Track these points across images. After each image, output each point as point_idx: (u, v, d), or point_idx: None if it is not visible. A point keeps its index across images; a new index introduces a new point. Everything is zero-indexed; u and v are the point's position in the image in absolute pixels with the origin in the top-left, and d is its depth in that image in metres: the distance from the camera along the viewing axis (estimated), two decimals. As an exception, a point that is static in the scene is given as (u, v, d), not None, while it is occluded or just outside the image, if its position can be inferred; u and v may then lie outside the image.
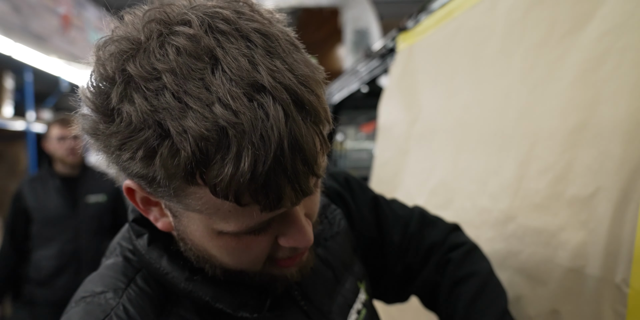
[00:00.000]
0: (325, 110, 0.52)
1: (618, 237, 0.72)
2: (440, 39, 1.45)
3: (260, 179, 0.46)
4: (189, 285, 0.60)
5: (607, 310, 0.73)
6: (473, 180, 1.14)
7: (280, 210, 0.52)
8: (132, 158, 0.48)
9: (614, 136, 0.75)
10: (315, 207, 0.62)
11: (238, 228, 0.53)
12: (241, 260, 0.59)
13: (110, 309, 0.57)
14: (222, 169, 0.45)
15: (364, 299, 0.81)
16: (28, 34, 5.87)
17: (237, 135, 0.45)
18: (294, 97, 0.47)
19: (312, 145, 0.48)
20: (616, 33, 0.79)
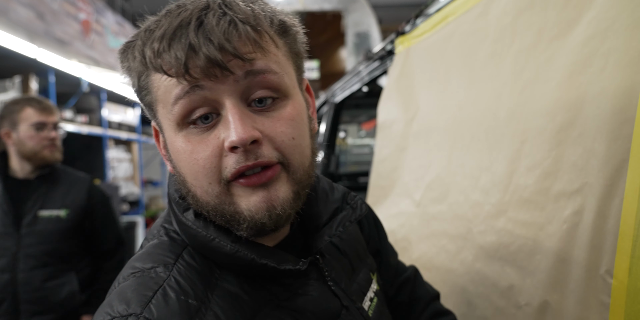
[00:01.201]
0: (269, 17, 0.60)
1: (602, 230, 0.71)
2: (435, 42, 1.44)
3: (165, 40, 0.55)
4: (235, 246, 0.61)
5: (593, 300, 0.72)
6: (466, 176, 1.14)
7: (203, 80, 0.56)
8: (128, 78, 0.64)
9: (598, 135, 0.74)
10: (273, 86, 0.59)
11: (177, 110, 0.57)
12: (195, 167, 0.59)
13: (162, 281, 0.58)
14: (147, 42, 0.57)
15: (375, 289, 0.81)
16: (51, 38, 5.89)
17: (165, 19, 0.57)
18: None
19: (223, 16, 0.55)
20: (601, 37, 0.78)
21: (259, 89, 0.58)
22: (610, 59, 0.75)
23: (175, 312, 0.55)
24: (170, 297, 0.56)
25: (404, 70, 1.66)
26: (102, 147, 7.50)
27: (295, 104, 0.62)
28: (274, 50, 0.60)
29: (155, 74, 0.58)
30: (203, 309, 0.57)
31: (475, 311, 1.03)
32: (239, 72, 0.56)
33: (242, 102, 0.58)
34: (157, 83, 0.59)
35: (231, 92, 0.57)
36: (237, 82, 0.57)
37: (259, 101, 0.59)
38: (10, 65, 5.42)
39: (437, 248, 1.23)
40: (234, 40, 0.54)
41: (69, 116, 6.39)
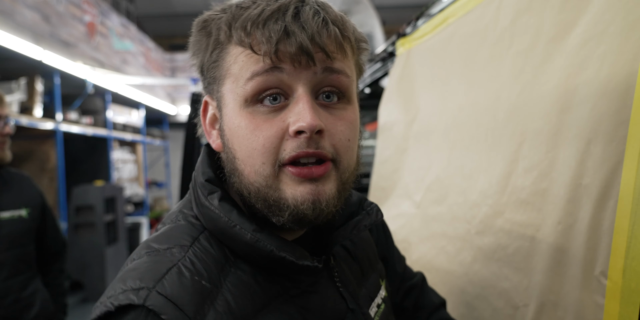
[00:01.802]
0: (352, 31, 0.64)
1: (597, 231, 0.72)
2: (436, 44, 1.45)
3: (262, 19, 0.57)
4: (256, 235, 0.60)
5: (588, 300, 0.73)
6: (465, 177, 1.14)
7: (285, 63, 0.58)
8: (199, 48, 0.65)
9: (594, 137, 0.75)
10: (342, 88, 0.62)
11: (251, 86, 0.59)
12: (252, 147, 0.59)
13: (177, 260, 0.59)
14: (240, 17, 0.59)
15: (383, 295, 0.81)
16: (56, 40, 5.92)
17: (260, 2, 0.59)
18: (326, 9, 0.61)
19: (318, 13, 0.59)
20: (597, 40, 0.78)
21: (330, 85, 0.61)
22: (606, 62, 0.75)
23: (188, 291, 0.55)
24: (184, 275, 0.57)
25: (405, 72, 1.66)
26: (106, 149, 7.53)
27: (355, 110, 0.65)
28: (350, 56, 0.64)
29: (235, 49, 0.60)
30: (215, 292, 0.57)
31: (474, 312, 1.03)
32: (319, 66, 0.59)
33: (312, 93, 0.60)
34: (233, 58, 0.61)
35: (307, 81, 0.59)
36: (315, 74, 0.59)
37: (327, 96, 0.62)
38: (16, 67, 5.45)
39: (436, 249, 1.23)
40: (324, 37, 0.58)
41: (74, 118, 6.42)
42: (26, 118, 5.21)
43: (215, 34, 0.62)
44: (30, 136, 6.10)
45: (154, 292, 0.54)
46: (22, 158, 6.18)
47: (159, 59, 10.86)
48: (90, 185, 5.61)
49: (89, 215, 5.53)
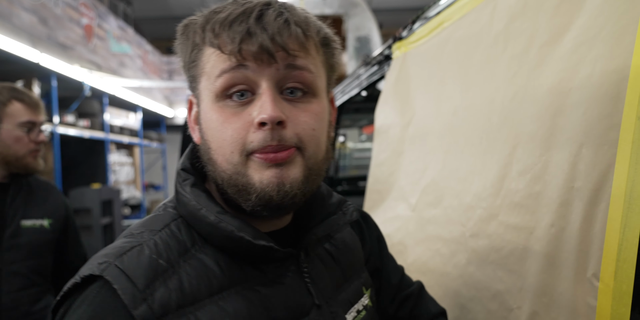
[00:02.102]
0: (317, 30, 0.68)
1: (589, 234, 0.72)
2: (431, 47, 1.46)
3: (228, 21, 0.62)
4: (219, 216, 0.66)
5: (580, 302, 0.73)
6: (460, 180, 1.15)
7: (248, 61, 0.63)
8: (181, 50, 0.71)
9: (585, 140, 0.75)
10: (306, 82, 0.67)
11: (219, 82, 0.64)
12: (222, 138, 0.65)
13: (143, 242, 0.65)
14: (211, 21, 0.64)
15: (365, 303, 0.83)
16: (54, 43, 5.92)
17: (231, 6, 0.65)
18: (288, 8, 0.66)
19: (281, 15, 0.63)
20: (589, 44, 0.79)
21: (294, 81, 0.66)
22: (598, 66, 0.76)
23: (142, 266, 0.61)
24: (144, 253, 0.63)
25: (401, 75, 1.67)
26: (103, 151, 7.53)
27: (321, 104, 0.70)
28: (314, 54, 0.68)
29: (209, 49, 0.66)
30: (170, 271, 0.62)
31: (468, 314, 1.04)
32: (282, 63, 0.64)
33: (276, 88, 0.65)
34: (207, 57, 0.66)
35: (270, 77, 0.64)
36: (278, 70, 0.64)
37: (291, 92, 0.66)
38: (13, 70, 5.45)
39: (431, 252, 1.24)
40: (285, 36, 0.63)
41: (71, 120, 6.42)
42: (23, 121, 5.19)
43: (192, 37, 0.68)
44: (27, 139, 6.08)
45: (112, 265, 0.60)
46: (19, 161, 6.15)
47: (156, 61, 10.86)
48: (87, 188, 5.60)
49: (86, 218, 5.52)
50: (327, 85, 0.74)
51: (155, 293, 0.59)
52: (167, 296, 0.60)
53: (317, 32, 0.69)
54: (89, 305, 0.59)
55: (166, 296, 0.59)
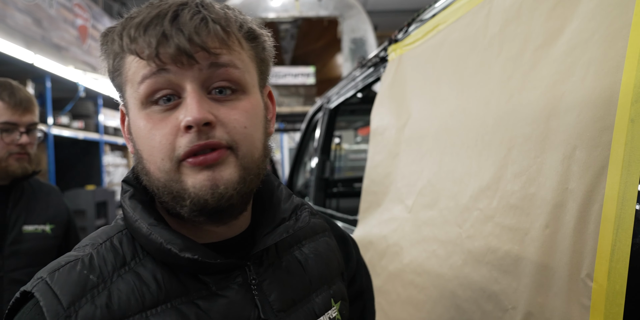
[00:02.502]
0: (238, 23, 0.66)
1: (583, 235, 0.74)
2: (426, 49, 1.47)
3: (142, 27, 0.60)
4: (150, 228, 0.64)
5: (574, 303, 0.74)
6: (456, 182, 1.16)
7: (169, 64, 0.61)
8: (105, 60, 0.69)
9: (579, 142, 0.77)
10: (233, 79, 0.65)
11: (143, 89, 0.63)
12: (152, 143, 0.63)
13: (81, 256, 0.65)
14: (126, 28, 0.62)
15: (334, 316, 0.79)
16: (48, 44, 5.90)
17: (145, 10, 0.63)
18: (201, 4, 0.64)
19: (197, 14, 0.61)
20: (582, 48, 0.80)
21: (220, 80, 0.64)
22: (591, 69, 0.77)
23: (72, 282, 0.61)
24: (75, 269, 0.62)
25: (396, 77, 1.68)
26: (98, 153, 7.51)
27: (252, 100, 0.68)
28: (238, 49, 0.66)
29: (129, 57, 0.64)
30: (101, 286, 0.62)
31: (464, 315, 1.05)
32: (204, 63, 0.62)
33: (202, 89, 0.63)
34: (128, 65, 0.64)
35: (193, 79, 0.62)
36: (201, 70, 0.62)
37: (219, 91, 0.64)
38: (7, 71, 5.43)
39: (427, 253, 1.25)
40: (203, 35, 0.61)
41: (65, 121, 6.40)
42: (17, 122, 5.18)
43: (111, 45, 0.66)
44: (21, 140, 6.06)
45: (42, 282, 0.61)
46: (13, 162, 6.13)
47: (151, 62, 10.82)
48: (82, 190, 5.59)
49: (80, 219, 5.50)
50: (259, 80, 0.72)
51: (80, 310, 0.59)
52: (92, 313, 0.59)
53: (239, 27, 0.66)
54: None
55: (90, 313, 0.59)
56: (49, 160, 5.89)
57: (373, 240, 1.65)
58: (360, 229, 1.84)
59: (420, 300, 1.26)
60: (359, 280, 0.92)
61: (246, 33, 0.68)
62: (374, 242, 1.63)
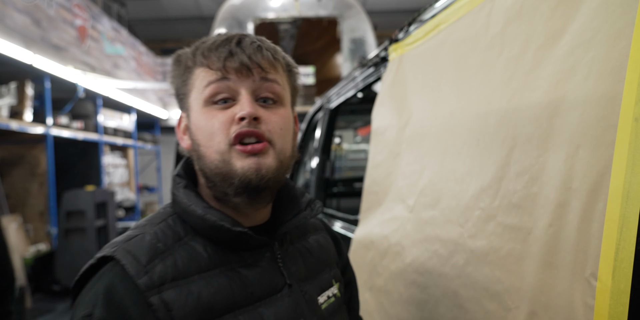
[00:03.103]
0: (283, 57, 0.88)
1: (587, 234, 0.74)
2: (428, 49, 1.47)
3: (214, 46, 0.81)
4: (205, 210, 0.80)
5: (578, 302, 0.74)
6: (458, 181, 1.16)
7: (230, 74, 0.79)
8: (174, 77, 0.87)
9: (582, 141, 0.77)
10: (276, 93, 0.83)
11: (208, 91, 0.80)
12: (211, 132, 0.80)
13: (145, 231, 0.80)
14: (200, 47, 0.83)
15: (335, 292, 0.96)
16: (47, 44, 5.90)
17: (215, 37, 0.83)
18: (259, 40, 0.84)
19: (254, 42, 0.81)
20: (585, 47, 0.80)
21: (266, 91, 0.82)
22: (594, 68, 0.77)
23: (144, 247, 0.77)
24: (145, 239, 0.78)
25: (397, 77, 1.68)
26: (97, 153, 7.50)
27: (287, 112, 0.87)
28: (281, 73, 0.86)
29: (197, 69, 0.82)
30: (167, 253, 0.77)
31: (466, 315, 1.05)
32: (257, 76, 0.81)
33: (252, 96, 0.81)
34: (196, 75, 0.83)
35: (247, 87, 0.81)
36: (254, 82, 0.81)
37: (264, 100, 0.83)
38: (6, 71, 5.43)
39: (429, 252, 1.25)
40: (259, 57, 0.80)
41: (65, 122, 6.39)
42: (16, 122, 5.18)
43: (184, 62, 0.85)
44: (20, 141, 6.07)
45: (120, 248, 0.76)
46: (12, 163, 6.14)
47: (150, 63, 10.84)
48: (81, 190, 5.58)
49: (80, 220, 5.50)
50: (291, 103, 0.91)
51: (155, 268, 0.74)
52: (164, 270, 0.74)
53: (282, 58, 0.87)
54: (105, 278, 0.73)
55: (164, 270, 0.74)
56: (48, 160, 5.89)
57: (374, 240, 1.65)
58: (361, 229, 1.84)
59: (422, 300, 1.26)
60: (348, 272, 1.11)
61: (286, 63, 0.88)
62: (375, 241, 1.63)
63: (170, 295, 0.73)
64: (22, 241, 5.57)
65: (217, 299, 0.76)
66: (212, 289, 0.76)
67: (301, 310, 0.85)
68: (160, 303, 0.72)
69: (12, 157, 6.14)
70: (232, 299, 0.77)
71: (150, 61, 10.81)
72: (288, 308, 0.83)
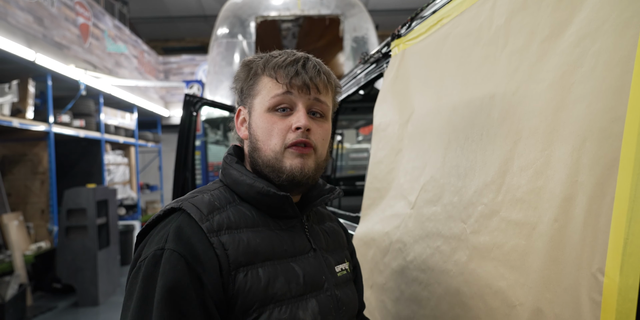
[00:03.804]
0: (334, 80, 1.05)
1: (594, 229, 0.72)
2: (430, 44, 1.45)
3: (284, 64, 0.97)
4: (254, 179, 0.97)
5: (584, 298, 0.72)
6: (460, 177, 1.14)
7: (293, 90, 0.96)
8: (242, 79, 1.04)
9: (589, 133, 0.75)
10: (323, 111, 1.01)
11: (273, 101, 0.97)
12: (270, 134, 0.97)
13: (204, 193, 0.99)
14: (271, 61, 0.99)
15: (347, 267, 1.11)
16: (49, 42, 5.89)
17: (284, 54, 1.01)
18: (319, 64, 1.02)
19: (316, 66, 0.99)
20: (592, 38, 0.78)
21: (317, 108, 1.00)
22: (601, 59, 0.75)
23: (204, 203, 0.94)
24: (205, 198, 0.96)
25: (400, 73, 1.66)
26: (99, 151, 7.49)
27: (329, 125, 1.04)
28: (330, 93, 1.04)
29: (265, 79, 1.00)
30: (221, 209, 0.95)
31: (470, 312, 1.03)
32: (312, 95, 0.98)
33: (307, 109, 0.98)
34: (263, 84, 1.00)
35: (304, 102, 0.98)
36: (309, 99, 0.98)
37: (313, 113, 1.00)
38: (8, 69, 5.42)
39: (431, 249, 1.23)
40: (317, 79, 0.98)
41: (66, 120, 6.38)
42: (18, 120, 5.18)
43: (254, 69, 1.02)
44: (22, 138, 6.06)
45: (186, 202, 0.94)
46: (14, 161, 6.14)
47: (152, 61, 10.83)
48: (82, 188, 5.56)
49: (81, 218, 5.48)
50: (332, 116, 1.07)
51: (214, 218, 0.92)
52: (221, 220, 0.92)
53: (333, 80, 1.04)
54: (174, 222, 0.90)
55: (220, 220, 0.92)
56: (50, 158, 5.88)
57: (376, 237, 1.63)
58: (362, 226, 1.82)
59: (425, 297, 1.24)
60: (354, 259, 1.24)
61: (335, 85, 1.06)
62: (377, 239, 1.61)
63: (226, 239, 0.90)
64: (23, 239, 5.56)
65: (261, 248, 0.93)
66: (258, 239, 0.94)
67: (323, 270, 1.02)
68: (218, 243, 0.89)
69: (13, 155, 6.13)
70: (271, 251, 0.94)
71: (152, 60, 10.80)
72: (313, 266, 1.00)
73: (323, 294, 0.99)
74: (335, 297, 1.01)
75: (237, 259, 0.89)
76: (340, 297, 1.03)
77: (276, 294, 0.91)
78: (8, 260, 5.17)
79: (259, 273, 0.91)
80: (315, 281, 0.98)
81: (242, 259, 0.90)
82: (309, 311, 0.94)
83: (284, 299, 0.92)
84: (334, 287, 1.02)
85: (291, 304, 0.93)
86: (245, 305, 0.88)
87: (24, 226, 5.73)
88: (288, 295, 0.93)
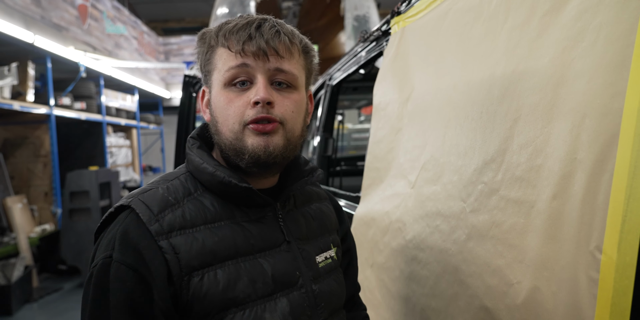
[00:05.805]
0: (299, 41, 0.92)
1: (592, 206, 0.71)
2: (430, 20, 1.42)
3: (235, 29, 0.86)
4: (215, 168, 0.89)
5: (582, 276, 0.72)
6: (460, 156, 1.13)
7: (248, 58, 0.86)
8: (199, 52, 0.94)
9: (589, 110, 0.73)
10: (289, 80, 0.89)
11: (228, 74, 0.87)
12: (227, 113, 0.88)
13: (158, 186, 0.90)
14: (222, 29, 0.89)
15: (332, 255, 1.04)
16: (48, 24, 5.84)
17: (238, 19, 0.89)
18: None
19: (274, 27, 0.87)
20: (593, 11, 0.76)
21: (281, 78, 0.89)
22: (602, 33, 0.74)
23: (157, 200, 0.86)
24: (158, 193, 0.88)
25: (399, 51, 1.64)
26: (101, 134, 7.49)
27: (300, 95, 0.93)
28: (297, 57, 0.91)
29: (220, 50, 0.89)
30: (176, 205, 0.87)
31: (468, 290, 1.03)
32: (273, 63, 0.87)
33: (268, 80, 0.88)
34: (218, 56, 0.89)
35: (263, 72, 0.87)
36: (269, 69, 0.87)
37: (279, 84, 0.89)
38: (7, 51, 5.39)
39: (431, 228, 1.23)
40: (276, 42, 0.86)
41: (67, 102, 6.37)
42: (19, 103, 5.17)
43: (208, 41, 0.91)
44: (23, 122, 6.05)
45: (136, 199, 0.86)
46: (16, 144, 6.14)
47: (152, 42, 10.75)
48: (85, 171, 5.58)
49: (84, 200, 5.52)
50: (306, 84, 0.96)
51: (165, 217, 0.84)
52: (173, 220, 0.84)
53: (300, 41, 0.92)
54: (121, 224, 0.84)
55: (172, 220, 0.84)
56: (52, 141, 5.88)
57: (375, 217, 1.63)
58: (362, 206, 1.82)
59: (424, 276, 1.24)
60: (348, 240, 1.19)
61: (302, 47, 0.93)
62: (377, 218, 1.61)
63: (178, 241, 0.83)
64: (28, 222, 5.61)
65: (220, 247, 0.86)
66: (216, 237, 0.86)
67: (297, 265, 0.94)
68: (168, 246, 0.82)
69: (15, 138, 6.13)
70: (234, 248, 0.87)
71: (152, 41, 10.72)
72: (286, 261, 0.93)
73: (297, 292, 0.92)
74: (312, 293, 0.94)
75: (189, 263, 0.82)
76: (319, 292, 0.96)
77: (238, 297, 0.84)
78: (13, 242, 5.22)
79: (217, 275, 0.84)
80: (287, 278, 0.91)
81: (195, 262, 0.82)
82: (278, 313, 0.87)
83: (248, 301, 0.85)
84: (311, 282, 0.95)
85: (256, 306, 0.86)
86: (203, 311, 0.82)
87: (28, 209, 5.77)
88: (253, 296, 0.86)
